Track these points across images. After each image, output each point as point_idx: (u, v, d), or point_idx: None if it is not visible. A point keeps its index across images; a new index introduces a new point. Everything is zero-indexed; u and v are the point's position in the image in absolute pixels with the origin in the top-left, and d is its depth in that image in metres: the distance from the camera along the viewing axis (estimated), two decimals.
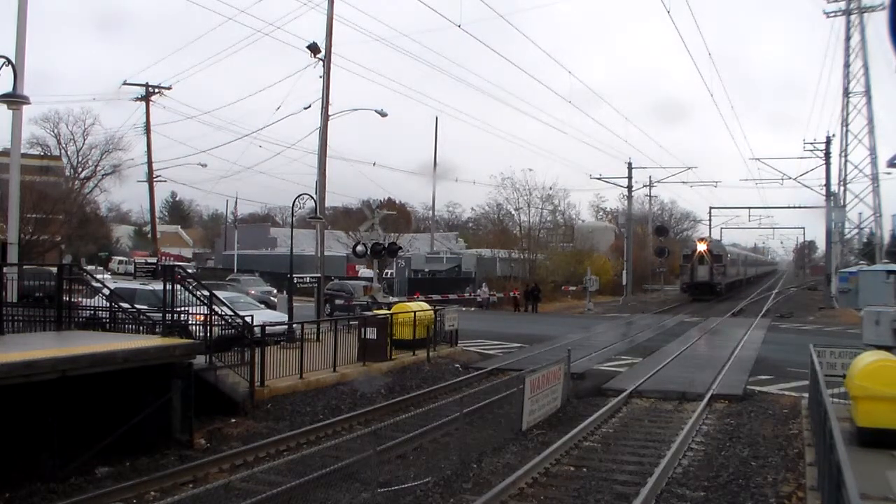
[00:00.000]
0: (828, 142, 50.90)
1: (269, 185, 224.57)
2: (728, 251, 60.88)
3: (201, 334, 14.66)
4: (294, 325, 20.35)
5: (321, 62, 27.24)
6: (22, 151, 19.21)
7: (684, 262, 57.02)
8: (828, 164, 50.40)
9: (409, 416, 12.56)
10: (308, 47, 27.15)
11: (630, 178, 57.31)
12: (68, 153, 63.98)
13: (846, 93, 55.95)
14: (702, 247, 55.35)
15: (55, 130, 62.66)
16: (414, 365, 20.01)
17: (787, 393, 17.18)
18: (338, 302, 32.27)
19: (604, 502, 9.57)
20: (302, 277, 32.90)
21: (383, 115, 31.81)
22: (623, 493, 9.78)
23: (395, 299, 30.08)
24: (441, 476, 10.35)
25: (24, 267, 17.55)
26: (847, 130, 55.59)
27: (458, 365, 21.11)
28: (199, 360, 13.69)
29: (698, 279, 54.58)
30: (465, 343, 24.20)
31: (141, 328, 14.34)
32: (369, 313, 22.17)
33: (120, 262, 68.82)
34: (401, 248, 36.55)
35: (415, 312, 21.38)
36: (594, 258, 59.52)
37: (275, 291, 41.77)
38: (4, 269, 14.28)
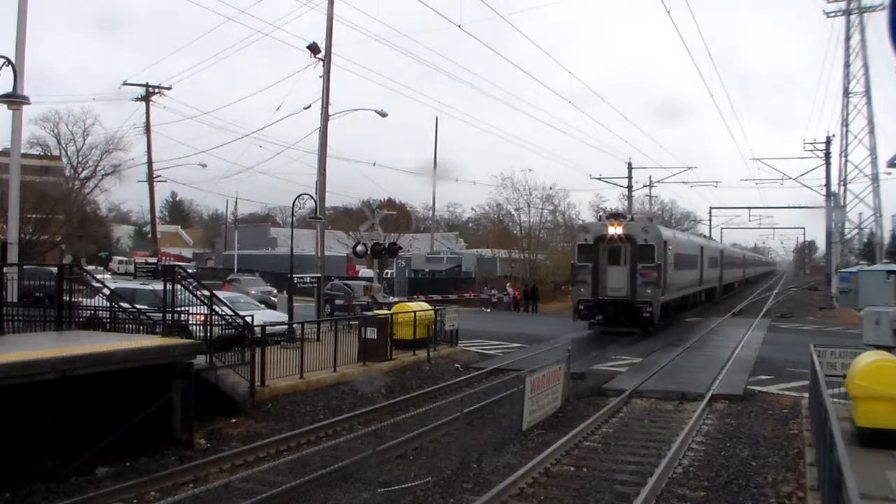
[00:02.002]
0: (828, 142, 50.97)
1: (269, 185, 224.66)
2: (671, 240, 31.71)
3: (201, 334, 14.66)
4: (294, 325, 20.35)
5: (321, 62, 27.23)
6: (22, 151, 19.21)
7: (581, 262, 29.43)
8: (828, 164, 50.45)
9: (409, 416, 12.56)
10: (308, 47, 27.14)
11: (630, 178, 57.41)
12: (68, 153, 64.02)
13: (846, 93, 56.03)
14: (614, 231, 28.91)
15: (55, 130, 62.70)
16: (414, 365, 20.00)
17: (787, 393, 17.17)
18: (338, 302, 32.28)
19: (604, 502, 9.57)
20: (302, 277, 32.91)
21: (383, 115, 31.81)
22: (623, 493, 9.78)
23: (396, 299, 30.07)
24: (441, 476, 10.35)
25: (25, 267, 17.55)
26: (847, 130, 55.69)
27: (458, 365, 21.11)
28: (200, 359, 13.70)
29: (609, 293, 28.71)
30: (465, 343, 24.20)
31: (141, 328, 14.35)
32: (369, 313, 22.17)
33: (120, 262, 68.89)
34: (401, 248, 36.50)
35: (415, 312, 21.38)
36: None
37: (275, 291, 41.78)
38: (4, 269, 14.29)
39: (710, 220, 78.95)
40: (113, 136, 60.71)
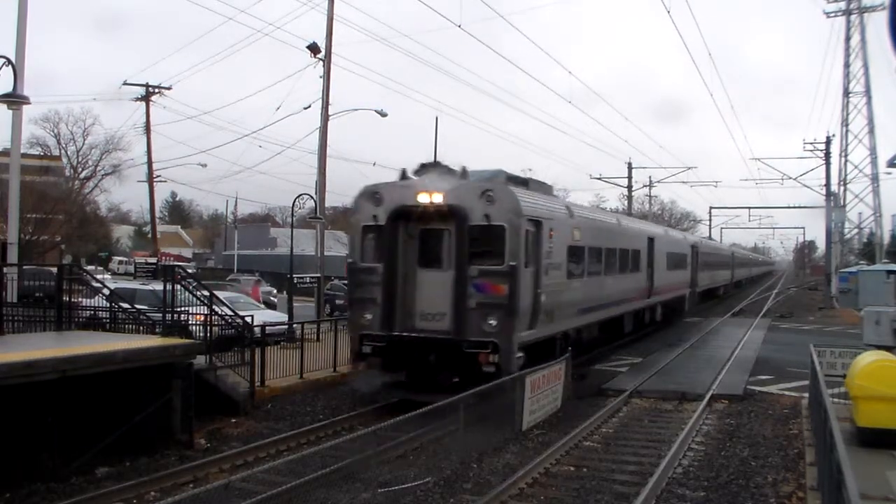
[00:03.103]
0: (828, 142, 50.95)
1: (269, 185, 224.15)
2: (555, 220, 16.27)
3: (201, 334, 14.67)
4: (294, 325, 20.35)
5: (321, 62, 27.24)
6: (22, 151, 19.23)
7: (365, 261, 15.22)
8: (828, 164, 50.43)
9: (409, 416, 12.54)
10: (308, 47, 27.15)
11: (630, 177, 57.51)
12: (68, 153, 64.23)
13: (846, 93, 56.15)
14: (427, 200, 14.48)
15: (55, 130, 62.97)
16: None
17: (787, 393, 17.17)
18: (338, 302, 32.30)
19: (604, 502, 9.57)
20: (302, 277, 32.94)
21: (383, 115, 31.80)
22: (623, 493, 9.78)
23: None
24: (441, 476, 10.35)
25: (24, 267, 17.57)
26: (847, 130, 55.83)
27: None
28: (200, 360, 13.69)
29: (417, 325, 14.72)
30: None
31: (141, 328, 14.36)
32: None
33: (120, 262, 69.05)
34: None
35: None
36: None
37: (275, 291, 41.83)
38: (4, 269, 14.29)
39: (710, 220, 78.97)
40: (113, 136, 61.02)
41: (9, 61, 14.17)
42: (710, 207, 78.39)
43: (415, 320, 14.83)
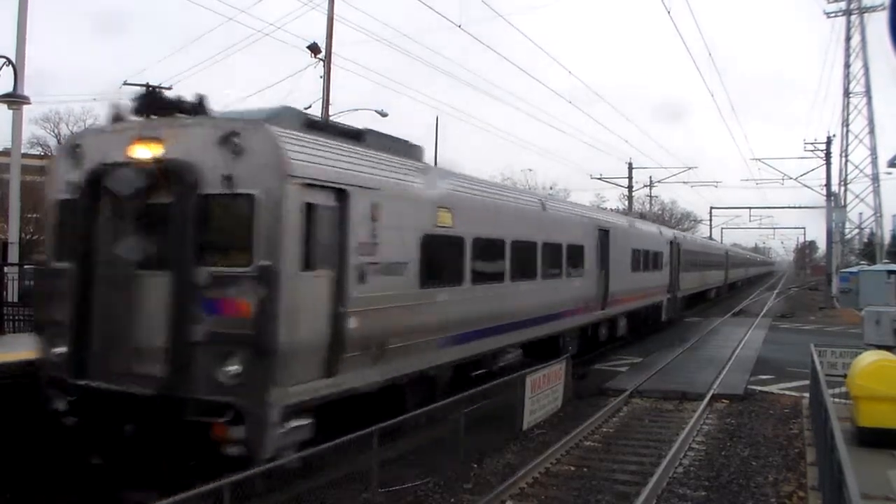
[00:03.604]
0: (828, 142, 50.96)
1: None
2: (416, 185, 11.16)
3: None
4: None
5: (321, 62, 27.23)
6: (22, 151, 19.25)
7: (59, 257, 9.40)
8: (828, 164, 50.43)
9: (410, 416, 12.52)
10: (308, 47, 27.13)
11: (630, 178, 57.44)
12: None
13: (846, 93, 56.18)
14: (148, 152, 8.53)
15: (55, 130, 63.02)
16: None
17: (788, 392, 17.16)
18: None
19: (605, 502, 9.56)
20: None
21: (384, 115, 31.79)
22: (624, 492, 9.77)
23: None
24: (441, 476, 10.34)
25: (25, 266, 17.57)
26: (847, 130, 55.84)
27: None
28: None
29: (131, 365, 8.40)
30: None
31: None
32: None
33: None
34: None
35: None
36: None
37: None
38: (5, 269, 14.29)
39: (710, 220, 78.98)
40: None
41: (9, 61, 14.19)
42: (711, 208, 78.45)
43: (128, 360, 8.55)
